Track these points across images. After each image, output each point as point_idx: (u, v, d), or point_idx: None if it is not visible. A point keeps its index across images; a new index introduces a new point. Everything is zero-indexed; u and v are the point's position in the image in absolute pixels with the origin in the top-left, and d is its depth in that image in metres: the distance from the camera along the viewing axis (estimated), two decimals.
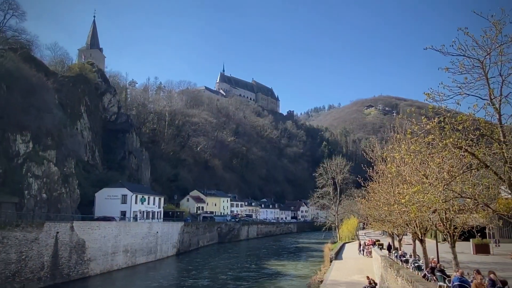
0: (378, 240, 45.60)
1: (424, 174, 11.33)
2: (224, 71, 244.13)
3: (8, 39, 60.79)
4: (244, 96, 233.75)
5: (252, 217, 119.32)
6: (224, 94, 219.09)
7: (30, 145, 46.80)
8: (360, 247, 45.22)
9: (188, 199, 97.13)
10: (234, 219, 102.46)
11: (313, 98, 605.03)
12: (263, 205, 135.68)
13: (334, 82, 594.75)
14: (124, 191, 58.93)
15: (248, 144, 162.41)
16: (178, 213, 79.20)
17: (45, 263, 34.26)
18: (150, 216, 64.30)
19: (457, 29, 8.63)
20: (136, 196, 60.14)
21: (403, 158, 13.12)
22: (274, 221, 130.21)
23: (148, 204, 64.46)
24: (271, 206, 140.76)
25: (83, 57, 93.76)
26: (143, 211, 62.14)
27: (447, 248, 16.48)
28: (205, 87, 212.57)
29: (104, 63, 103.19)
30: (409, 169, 13.72)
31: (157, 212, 67.85)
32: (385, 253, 31.53)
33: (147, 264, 50.90)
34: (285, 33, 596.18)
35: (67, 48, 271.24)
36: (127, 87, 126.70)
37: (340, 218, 70.37)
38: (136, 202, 60.01)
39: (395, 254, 28.02)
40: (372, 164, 25.04)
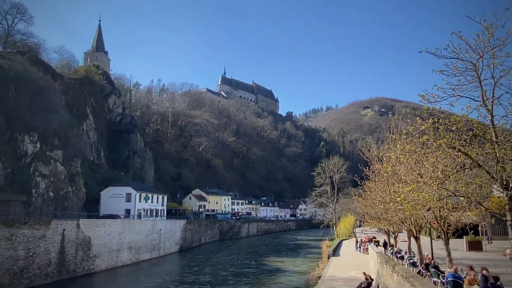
0: (375, 237, 45.54)
1: (419, 173, 11.33)
2: (225, 73, 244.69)
3: (17, 42, 60.89)
4: (244, 97, 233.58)
5: (252, 215, 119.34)
6: (225, 95, 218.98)
7: (38, 145, 46.81)
8: (357, 244, 45.13)
9: (190, 198, 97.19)
10: (235, 217, 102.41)
11: (311, 99, 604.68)
12: (263, 203, 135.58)
13: (332, 84, 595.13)
14: (129, 189, 59.00)
15: (248, 144, 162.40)
16: (181, 211, 79.20)
17: (52, 259, 34.22)
18: (154, 214, 64.36)
19: (450, 33, 8.64)
20: (140, 195, 60.20)
21: (399, 158, 13.11)
22: (274, 219, 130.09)
23: (152, 202, 64.52)
24: (270, 204, 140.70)
25: (89, 60, 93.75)
26: (147, 209, 62.20)
27: (441, 245, 16.49)
28: (207, 89, 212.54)
29: (109, 65, 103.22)
30: (404, 169, 13.71)
31: (161, 210, 67.91)
32: (381, 250, 31.51)
33: (150, 261, 50.83)
34: (284, 37, 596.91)
35: (73, 51, 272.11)
36: (132, 89, 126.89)
37: (337, 216, 70.43)
38: (140, 201, 60.10)
39: (390, 251, 27.99)
40: (369, 163, 25.09)
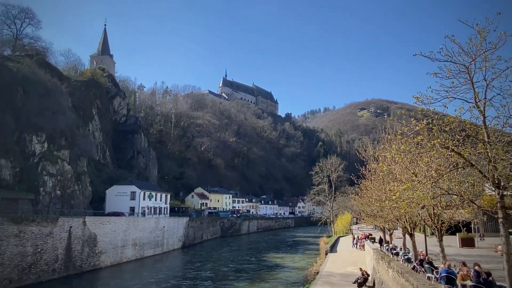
0: (371, 234, 45.45)
1: (414, 173, 11.32)
2: (226, 76, 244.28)
3: (25, 46, 60.92)
4: (245, 99, 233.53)
5: (252, 212, 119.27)
6: (227, 97, 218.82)
7: (45, 145, 46.84)
8: (354, 241, 45.11)
9: (192, 196, 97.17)
10: (236, 214, 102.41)
11: (309, 101, 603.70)
12: (262, 201, 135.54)
13: (329, 86, 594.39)
14: (133, 188, 59.02)
15: (248, 144, 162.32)
16: (184, 209, 79.19)
17: (59, 255, 34.26)
18: (157, 212, 64.35)
19: (444, 37, 8.64)
20: (144, 193, 60.20)
21: (394, 158, 13.12)
22: (273, 216, 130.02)
23: (156, 200, 64.52)
24: (270, 202, 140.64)
25: (94, 63, 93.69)
26: (150, 207, 62.20)
27: (435, 242, 16.48)
28: (209, 91, 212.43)
29: (114, 68, 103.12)
30: (400, 168, 13.74)
31: (164, 208, 67.90)
32: (377, 246, 31.49)
33: (154, 257, 50.86)
34: (283, 41, 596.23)
35: (79, 54, 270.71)
36: (136, 91, 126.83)
37: (335, 213, 70.36)
38: (144, 199, 60.09)
39: (386, 247, 27.95)
40: (365, 163, 25.13)
